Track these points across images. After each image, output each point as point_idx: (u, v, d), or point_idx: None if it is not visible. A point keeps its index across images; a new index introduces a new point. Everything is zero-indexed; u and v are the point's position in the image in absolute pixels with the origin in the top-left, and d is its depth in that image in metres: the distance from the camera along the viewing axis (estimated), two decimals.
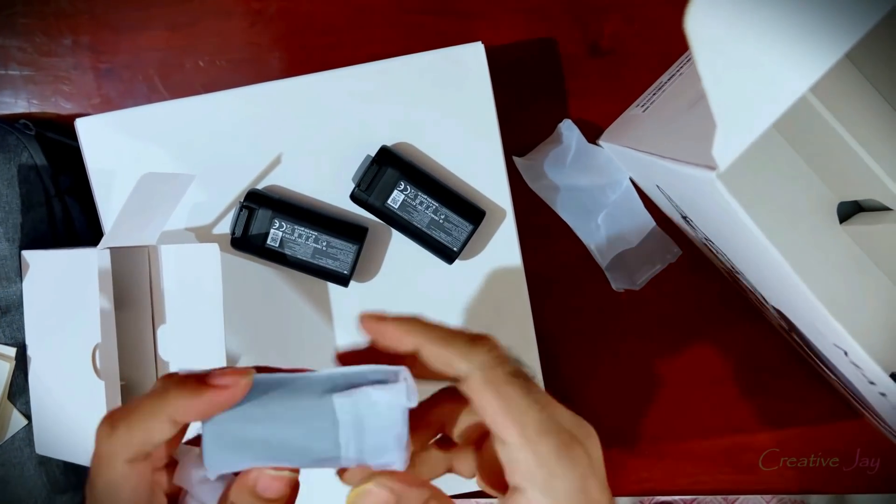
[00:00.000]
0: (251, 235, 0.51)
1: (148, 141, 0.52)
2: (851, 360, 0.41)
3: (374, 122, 0.52)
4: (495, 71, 0.51)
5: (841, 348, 0.40)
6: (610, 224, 0.58)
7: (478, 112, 0.52)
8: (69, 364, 0.48)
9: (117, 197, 0.53)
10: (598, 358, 0.61)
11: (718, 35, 0.26)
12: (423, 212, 0.50)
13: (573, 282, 0.59)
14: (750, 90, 0.27)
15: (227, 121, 0.52)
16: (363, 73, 0.51)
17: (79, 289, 0.47)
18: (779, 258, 0.36)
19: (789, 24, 0.28)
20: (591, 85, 0.58)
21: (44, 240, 0.53)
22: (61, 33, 0.57)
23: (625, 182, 0.57)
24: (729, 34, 0.26)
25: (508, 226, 0.53)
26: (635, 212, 0.58)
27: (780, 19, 0.28)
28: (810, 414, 0.62)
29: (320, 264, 0.52)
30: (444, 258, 0.52)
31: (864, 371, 0.40)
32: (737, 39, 0.27)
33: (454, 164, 0.52)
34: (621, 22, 0.58)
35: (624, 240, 0.58)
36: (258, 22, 0.57)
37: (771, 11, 0.28)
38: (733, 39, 0.27)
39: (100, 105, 0.58)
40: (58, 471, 0.53)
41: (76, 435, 0.49)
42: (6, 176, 0.51)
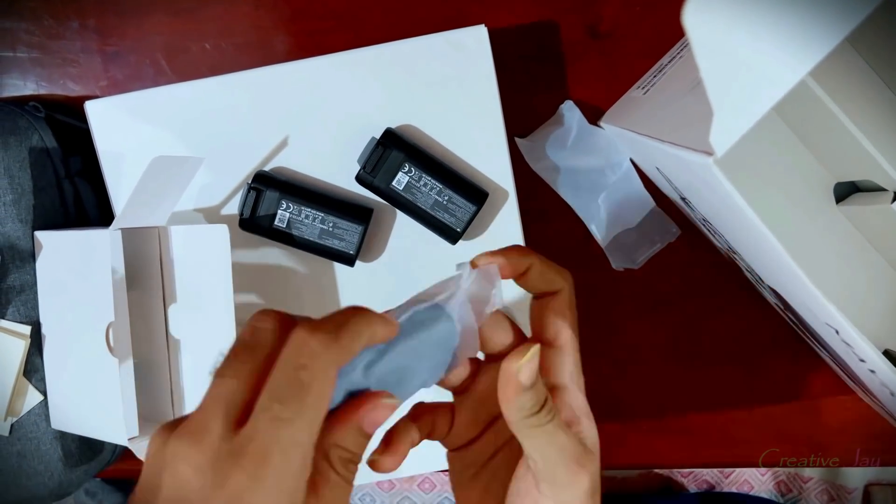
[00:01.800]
0: (259, 217, 0.52)
1: (157, 123, 0.53)
2: (842, 338, 0.42)
3: (379, 104, 0.53)
4: (496, 54, 0.52)
5: (832, 327, 0.42)
6: (610, 204, 0.59)
7: (481, 94, 0.52)
8: (83, 342, 0.50)
9: (127, 178, 0.54)
10: (599, 335, 0.62)
11: (715, 23, 0.27)
12: (427, 193, 0.51)
13: (573, 261, 0.60)
14: (746, 77, 0.28)
15: (235, 103, 0.53)
16: (367, 56, 0.52)
17: (91, 269, 0.49)
18: (773, 241, 0.37)
19: (786, 11, 0.29)
20: (592, 67, 0.59)
21: (55, 221, 0.54)
22: (68, 17, 0.58)
23: (625, 163, 0.58)
24: (726, 23, 0.27)
25: (511, 207, 0.54)
26: (635, 192, 0.59)
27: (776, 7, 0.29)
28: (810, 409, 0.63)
29: (327, 244, 0.53)
30: (447, 238, 0.53)
31: (855, 349, 0.42)
32: (733, 28, 0.27)
33: (457, 146, 0.53)
34: (620, 5, 0.58)
35: (624, 219, 0.59)
36: (262, 6, 0.58)
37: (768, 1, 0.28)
38: (730, 28, 0.27)
39: (107, 87, 0.59)
40: (73, 445, 0.54)
41: (90, 410, 0.51)
42: (18, 158, 0.52)
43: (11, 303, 0.52)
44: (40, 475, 0.53)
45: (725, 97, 0.29)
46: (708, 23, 0.27)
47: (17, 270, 0.52)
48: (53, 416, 0.53)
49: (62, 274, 0.51)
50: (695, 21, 0.27)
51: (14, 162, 0.51)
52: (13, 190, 0.51)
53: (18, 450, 0.53)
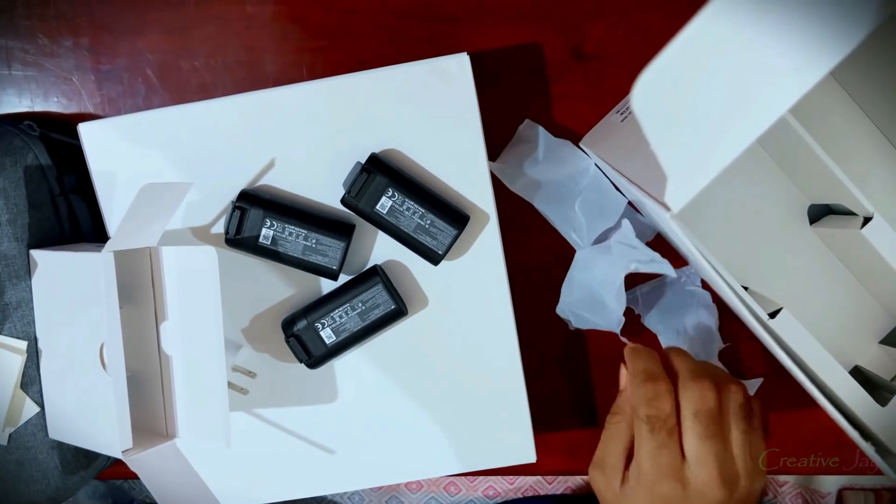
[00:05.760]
0: (244, 234, 0.54)
1: (149, 144, 0.54)
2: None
3: (364, 129, 0.54)
4: (480, 75, 0.53)
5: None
6: (587, 209, 0.60)
7: (463, 120, 0.54)
8: (78, 358, 0.52)
9: (120, 197, 0.55)
10: (582, 343, 0.64)
11: (665, 102, 0.29)
12: (409, 217, 0.53)
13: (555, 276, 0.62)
14: (695, 147, 0.30)
15: (225, 126, 0.54)
16: (354, 82, 0.54)
17: (85, 288, 0.50)
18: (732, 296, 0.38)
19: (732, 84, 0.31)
20: (576, 88, 0.60)
21: (50, 237, 0.56)
22: (62, 35, 0.59)
23: (591, 167, 0.60)
24: (675, 101, 0.29)
25: (492, 229, 0.56)
26: (607, 192, 0.60)
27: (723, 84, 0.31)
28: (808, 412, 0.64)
29: (311, 260, 0.55)
30: (429, 261, 0.55)
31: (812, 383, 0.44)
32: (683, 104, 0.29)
33: (440, 170, 0.55)
34: (606, 27, 0.59)
35: (603, 219, 0.61)
36: (253, 26, 0.59)
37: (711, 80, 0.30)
38: (680, 104, 0.29)
39: (101, 105, 0.60)
40: (69, 453, 0.57)
41: (86, 421, 0.53)
42: (13, 178, 0.53)
43: (8, 319, 0.54)
44: (38, 482, 0.56)
45: (676, 166, 0.30)
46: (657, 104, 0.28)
47: (13, 287, 0.53)
48: (51, 427, 0.55)
49: (57, 292, 0.53)
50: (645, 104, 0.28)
51: (10, 182, 0.53)
52: (9, 210, 0.53)
53: (17, 458, 0.55)
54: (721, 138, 0.31)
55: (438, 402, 0.58)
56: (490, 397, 0.58)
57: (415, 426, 0.59)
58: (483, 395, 0.58)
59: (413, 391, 0.58)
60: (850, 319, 0.61)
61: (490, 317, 0.57)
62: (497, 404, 0.58)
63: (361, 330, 0.55)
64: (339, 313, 0.54)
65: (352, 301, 0.54)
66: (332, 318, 0.55)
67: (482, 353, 0.57)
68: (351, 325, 0.55)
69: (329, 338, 0.55)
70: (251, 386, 0.58)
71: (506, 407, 0.58)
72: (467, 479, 0.81)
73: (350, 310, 0.54)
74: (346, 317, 0.55)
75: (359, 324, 0.55)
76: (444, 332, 0.57)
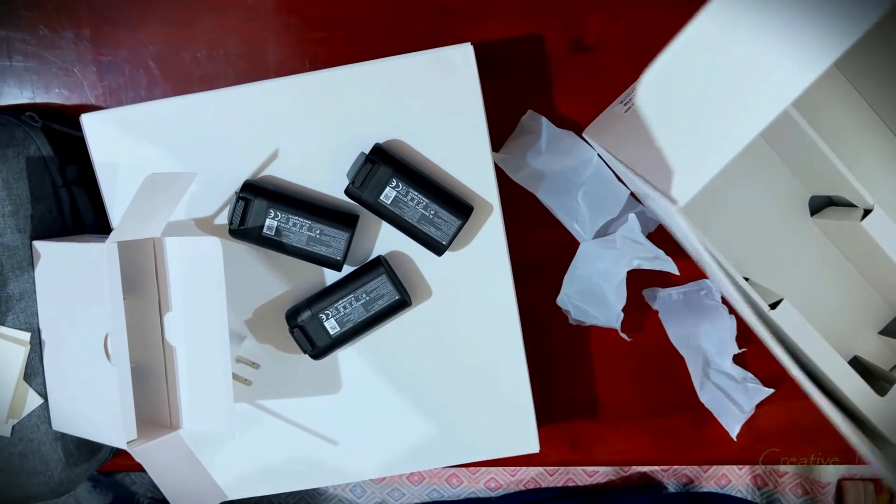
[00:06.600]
0: (248, 225, 0.54)
1: (151, 135, 0.54)
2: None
3: (368, 119, 0.54)
4: (483, 66, 0.53)
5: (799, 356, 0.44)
6: (589, 199, 0.61)
7: (467, 110, 0.54)
8: (82, 349, 0.52)
9: (123, 188, 0.55)
10: (584, 335, 0.64)
11: (670, 99, 0.29)
12: (413, 207, 0.53)
13: (558, 267, 0.62)
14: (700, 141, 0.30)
15: (228, 117, 0.54)
16: (356, 72, 0.54)
17: (89, 279, 0.50)
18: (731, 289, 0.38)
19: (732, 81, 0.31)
20: (577, 80, 0.60)
21: (52, 229, 0.56)
22: (63, 27, 0.59)
23: (594, 158, 0.60)
24: (680, 97, 0.29)
25: (495, 219, 0.56)
26: (609, 183, 0.61)
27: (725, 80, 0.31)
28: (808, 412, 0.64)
29: (314, 251, 0.55)
30: (433, 251, 0.55)
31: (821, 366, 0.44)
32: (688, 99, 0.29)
33: (444, 161, 0.55)
34: (606, 19, 0.60)
35: (605, 210, 0.61)
36: (254, 18, 0.59)
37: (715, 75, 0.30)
38: (685, 100, 0.29)
39: (102, 96, 0.60)
40: (72, 445, 0.57)
41: (89, 413, 0.53)
42: (16, 169, 0.53)
43: (11, 310, 0.53)
44: (41, 474, 0.56)
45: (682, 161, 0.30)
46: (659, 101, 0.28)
47: (16, 279, 0.53)
48: (54, 419, 0.55)
49: (60, 283, 0.53)
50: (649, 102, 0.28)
51: (12, 174, 0.53)
52: (11, 201, 0.53)
53: (20, 450, 0.55)
54: (725, 131, 0.31)
55: (442, 392, 0.58)
56: (493, 387, 0.58)
57: (419, 417, 0.59)
58: (486, 385, 0.58)
59: (416, 382, 0.58)
60: (850, 310, 0.62)
61: (494, 307, 0.57)
62: (500, 394, 0.58)
63: (365, 321, 0.55)
64: (343, 304, 0.55)
65: (356, 292, 0.55)
66: (336, 308, 0.55)
67: (486, 344, 0.57)
68: (355, 316, 0.55)
69: (333, 328, 0.55)
70: (255, 377, 0.58)
71: (509, 397, 0.58)
72: (469, 470, 0.82)
73: (354, 300, 0.55)
74: (350, 307, 0.55)
75: (363, 314, 0.55)
76: (448, 322, 0.57)
